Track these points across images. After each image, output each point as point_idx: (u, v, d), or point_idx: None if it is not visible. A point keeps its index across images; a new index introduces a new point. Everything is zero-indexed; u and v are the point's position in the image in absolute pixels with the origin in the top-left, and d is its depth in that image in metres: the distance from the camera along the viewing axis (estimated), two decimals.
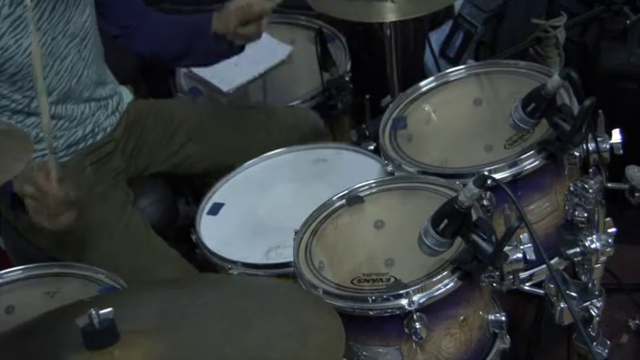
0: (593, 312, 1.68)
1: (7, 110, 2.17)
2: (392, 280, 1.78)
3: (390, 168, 2.04)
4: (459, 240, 1.71)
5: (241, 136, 2.44)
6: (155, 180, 2.48)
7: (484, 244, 1.66)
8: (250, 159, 2.34)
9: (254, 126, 2.48)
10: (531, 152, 1.92)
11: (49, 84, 2.16)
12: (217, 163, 2.39)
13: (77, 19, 2.18)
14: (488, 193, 1.88)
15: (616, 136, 1.95)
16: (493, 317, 1.82)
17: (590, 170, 1.95)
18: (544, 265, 1.87)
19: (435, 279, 1.71)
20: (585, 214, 1.72)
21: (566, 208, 1.76)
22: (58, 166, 1.97)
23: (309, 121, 2.53)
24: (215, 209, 2.23)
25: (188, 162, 2.47)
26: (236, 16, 2.25)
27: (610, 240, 1.70)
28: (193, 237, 2.17)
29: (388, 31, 2.52)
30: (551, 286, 1.67)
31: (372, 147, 2.24)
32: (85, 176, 2.29)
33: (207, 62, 2.48)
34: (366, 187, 1.99)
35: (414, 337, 1.69)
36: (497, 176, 1.87)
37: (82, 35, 2.20)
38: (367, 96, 2.55)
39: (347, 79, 2.64)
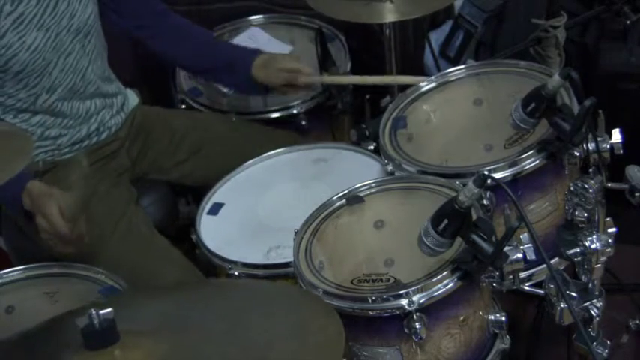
0: (593, 312, 1.68)
1: (12, 109, 2.18)
2: (392, 280, 1.78)
3: (390, 168, 2.04)
4: (459, 240, 1.71)
5: (245, 153, 2.42)
6: (156, 180, 2.49)
7: (484, 244, 1.66)
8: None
9: (257, 143, 2.47)
10: (531, 152, 1.92)
11: (54, 80, 2.17)
12: (220, 176, 2.37)
13: (81, 15, 2.19)
14: (488, 193, 1.88)
15: (616, 136, 1.95)
16: (493, 317, 1.82)
17: (590, 170, 1.95)
18: (544, 265, 1.87)
19: (435, 279, 1.71)
20: (585, 214, 1.71)
21: (566, 208, 1.76)
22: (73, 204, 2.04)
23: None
24: (215, 209, 2.23)
25: (191, 174, 2.48)
26: (284, 78, 2.37)
27: (610, 240, 1.70)
28: (193, 237, 2.17)
29: (387, 32, 2.52)
30: (551, 286, 1.67)
31: (372, 147, 2.24)
32: (84, 171, 2.29)
33: (226, 85, 2.58)
34: (366, 187, 1.99)
35: (414, 337, 1.69)
36: (497, 176, 1.87)
37: (86, 31, 2.21)
38: (367, 96, 2.54)
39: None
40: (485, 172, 1.73)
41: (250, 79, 2.39)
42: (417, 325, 1.68)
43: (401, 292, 1.71)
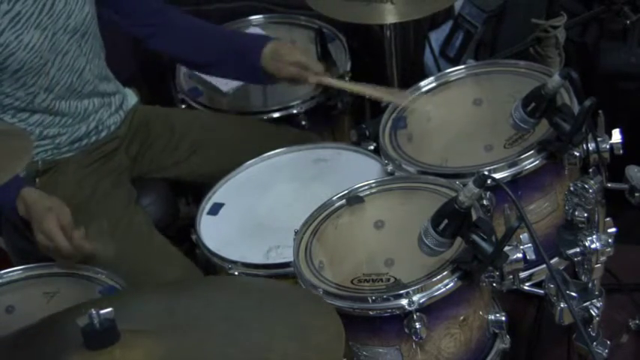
0: (593, 312, 1.68)
1: (10, 108, 2.18)
2: (392, 280, 1.78)
3: (390, 168, 2.04)
4: (459, 240, 1.71)
5: (244, 149, 2.42)
6: (156, 179, 2.49)
7: (484, 244, 1.66)
8: None
9: (257, 138, 2.46)
10: (531, 152, 1.92)
11: (51, 79, 2.17)
12: (220, 174, 2.37)
13: (78, 15, 2.19)
14: (488, 193, 1.88)
15: (616, 136, 1.95)
16: (493, 317, 1.82)
17: (590, 170, 1.95)
18: (544, 265, 1.87)
19: (435, 279, 1.71)
20: (585, 214, 1.72)
21: (566, 208, 1.76)
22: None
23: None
24: (215, 209, 2.23)
25: (191, 173, 2.47)
26: (294, 74, 2.29)
27: (610, 240, 1.70)
28: (193, 237, 2.17)
29: (388, 33, 2.52)
30: (551, 286, 1.67)
31: (372, 147, 2.24)
32: (85, 174, 2.29)
33: (231, 77, 2.52)
34: (366, 187, 1.99)
35: (414, 337, 1.69)
36: (497, 176, 1.87)
37: (83, 31, 2.21)
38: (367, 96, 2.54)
39: (347, 79, 2.64)
40: (485, 172, 1.73)
41: (259, 70, 2.32)
42: (417, 325, 1.68)
43: (401, 292, 1.71)
